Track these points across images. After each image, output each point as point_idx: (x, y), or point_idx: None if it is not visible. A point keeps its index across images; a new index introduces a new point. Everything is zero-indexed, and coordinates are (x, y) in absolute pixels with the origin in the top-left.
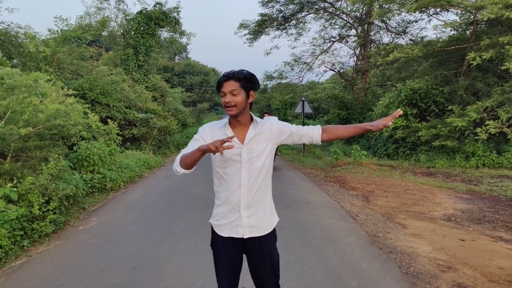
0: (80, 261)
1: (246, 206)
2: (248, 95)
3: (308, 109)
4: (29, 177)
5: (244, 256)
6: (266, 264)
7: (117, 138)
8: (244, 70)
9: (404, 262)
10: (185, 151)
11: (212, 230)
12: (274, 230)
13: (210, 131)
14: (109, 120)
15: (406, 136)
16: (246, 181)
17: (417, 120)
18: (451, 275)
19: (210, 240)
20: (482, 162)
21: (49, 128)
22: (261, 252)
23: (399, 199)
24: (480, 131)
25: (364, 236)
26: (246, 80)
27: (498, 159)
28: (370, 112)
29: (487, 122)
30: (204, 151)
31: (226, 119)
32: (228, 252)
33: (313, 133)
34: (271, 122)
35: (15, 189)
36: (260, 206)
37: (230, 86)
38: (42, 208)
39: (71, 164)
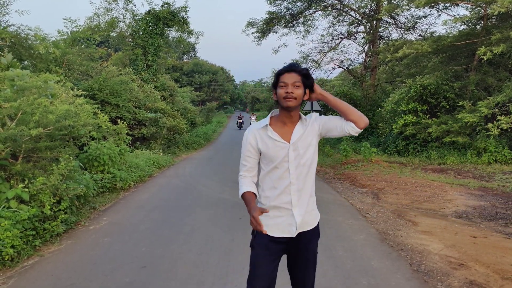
0: (91, 260)
1: (297, 204)
2: (304, 92)
3: (317, 107)
4: (40, 177)
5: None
6: (311, 260)
7: (126, 138)
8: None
9: (415, 260)
10: (242, 168)
11: (255, 234)
12: (318, 226)
13: (255, 136)
14: (118, 120)
15: (416, 133)
16: (295, 179)
17: (427, 117)
18: (463, 273)
19: (249, 240)
20: (494, 158)
21: (59, 128)
22: (308, 249)
23: (410, 196)
24: (492, 127)
25: (374, 234)
26: (307, 77)
27: (510, 154)
28: (379, 109)
29: (498, 117)
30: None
31: (265, 120)
32: (270, 254)
33: (347, 122)
34: (315, 118)
35: (26, 189)
36: (310, 200)
37: (293, 78)
38: (53, 208)
39: (81, 164)
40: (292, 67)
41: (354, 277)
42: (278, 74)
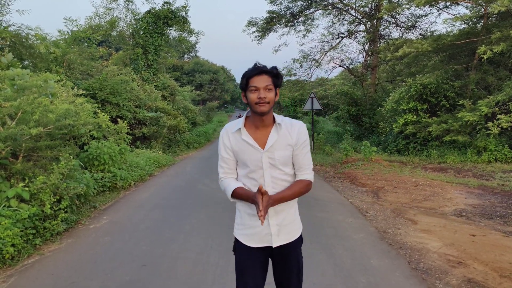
0: (91, 259)
1: (274, 213)
2: (275, 93)
3: (317, 106)
4: (41, 176)
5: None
6: (293, 269)
7: (127, 137)
8: (270, 66)
9: (414, 258)
10: (221, 169)
11: (236, 240)
12: (301, 234)
13: (229, 138)
14: (119, 119)
15: (417, 132)
16: (270, 187)
17: (428, 115)
18: (461, 271)
19: (232, 245)
20: (494, 157)
21: (59, 128)
22: (289, 258)
23: (409, 195)
24: (492, 126)
25: (373, 232)
26: (277, 77)
27: (510, 153)
28: (380, 108)
29: (498, 116)
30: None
31: (240, 121)
32: (254, 260)
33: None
34: (300, 132)
35: (27, 188)
36: (289, 211)
37: (264, 81)
38: (54, 207)
39: (81, 163)
40: (262, 69)
41: (353, 275)
42: (248, 77)
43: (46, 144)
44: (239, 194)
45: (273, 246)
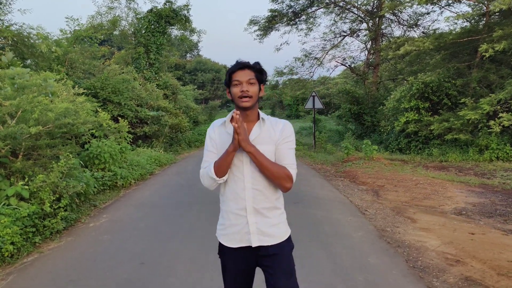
0: (90, 257)
1: (253, 211)
2: (259, 88)
3: (318, 104)
4: (40, 175)
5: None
6: (284, 276)
7: (127, 136)
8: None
9: (412, 256)
10: (205, 164)
11: (220, 243)
12: (290, 239)
13: (214, 132)
14: (120, 118)
15: (418, 130)
16: (250, 184)
17: (429, 114)
18: (459, 269)
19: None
20: (495, 155)
21: (59, 126)
22: (278, 264)
23: (410, 193)
24: (494, 124)
25: (372, 231)
26: (260, 72)
27: None
28: (381, 107)
29: (500, 114)
30: (234, 149)
31: (227, 117)
32: (237, 263)
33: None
34: (284, 128)
35: (26, 187)
36: (270, 212)
37: (247, 75)
38: (53, 205)
39: (82, 162)
40: (245, 64)
41: (352, 273)
42: (231, 72)
43: (45, 142)
44: (218, 161)
45: (253, 246)
